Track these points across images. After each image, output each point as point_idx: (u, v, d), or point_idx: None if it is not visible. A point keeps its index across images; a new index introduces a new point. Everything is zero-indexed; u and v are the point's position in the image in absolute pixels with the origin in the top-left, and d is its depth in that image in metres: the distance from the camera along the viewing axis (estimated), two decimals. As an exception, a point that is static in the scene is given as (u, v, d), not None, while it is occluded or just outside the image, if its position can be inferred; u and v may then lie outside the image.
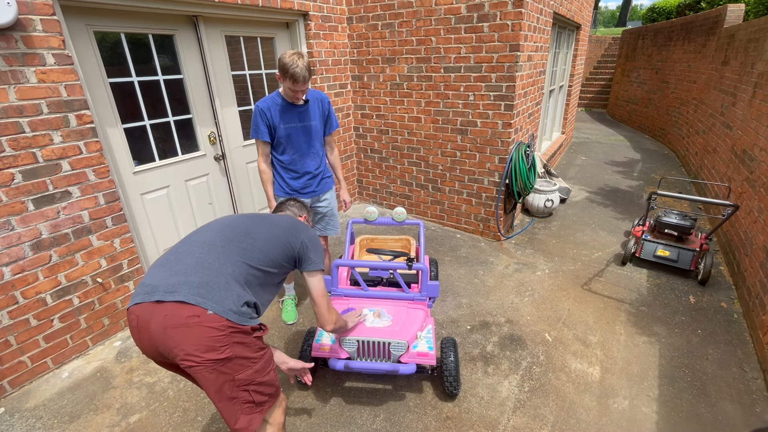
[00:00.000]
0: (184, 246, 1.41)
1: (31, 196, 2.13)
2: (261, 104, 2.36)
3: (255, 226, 1.52)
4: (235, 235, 1.44)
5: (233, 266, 1.34)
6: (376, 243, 2.95)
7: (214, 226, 1.51)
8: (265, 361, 1.38)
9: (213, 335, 1.21)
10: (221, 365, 1.24)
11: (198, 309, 1.21)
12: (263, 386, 1.36)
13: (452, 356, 2.11)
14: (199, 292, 1.23)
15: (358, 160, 4.77)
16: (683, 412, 2.08)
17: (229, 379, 1.27)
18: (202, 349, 1.20)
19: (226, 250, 1.37)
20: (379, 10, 3.85)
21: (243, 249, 1.40)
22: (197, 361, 1.21)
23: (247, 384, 1.31)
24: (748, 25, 4.40)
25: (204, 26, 2.97)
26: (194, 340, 1.20)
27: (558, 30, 5.26)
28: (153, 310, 1.23)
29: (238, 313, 1.27)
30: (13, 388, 2.25)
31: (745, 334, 2.64)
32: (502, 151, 3.61)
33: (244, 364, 1.29)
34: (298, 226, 1.63)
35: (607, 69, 12.57)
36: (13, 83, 1.98)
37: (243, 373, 1.29)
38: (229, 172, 3.42)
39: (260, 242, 1.46)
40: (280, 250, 1.51)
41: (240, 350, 1.28)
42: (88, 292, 2.47)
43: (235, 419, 1.31)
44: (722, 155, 4.40)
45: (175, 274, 1.28)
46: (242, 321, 1.28)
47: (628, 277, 3.30)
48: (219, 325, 1.22)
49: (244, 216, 1.60)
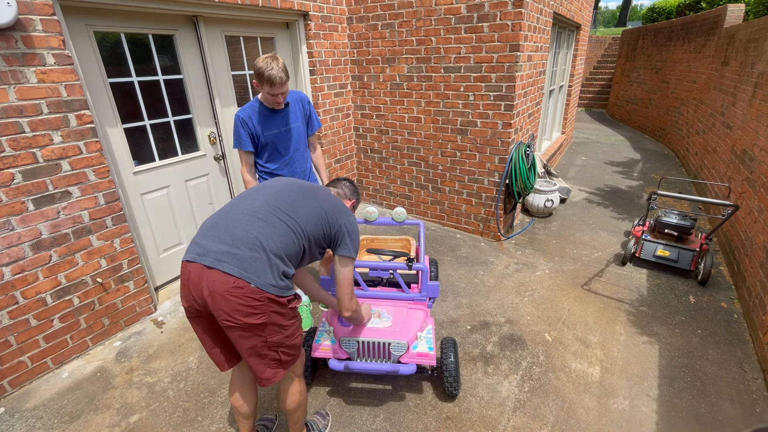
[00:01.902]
0: (233, 213, 1.48)
1: (31, 196, 2.13)
2: (241, 114, 2.31)
3: (299, 200, 1.56)
4: (280, 209, 1.49)
5: (275, 241, 1.41)
6: (376, 243, 2.95)
7: (261, 194, 1.56)
8: (295, 327, 1.52)
9: (253, 304, 1.34)
10: (257, 329, 1.39)
11: (242, 282, 1.32)
12: (291, 348, 1.52)
13: (452, 356, 2.10)
14: (244, 266, 1.33)
15: (358, 160, 4.77)
16: (683, 412, 2.08)
17: (262, 340, 1.42)
18: (243, 314, 1.34)
19: (270, 224, 1.44)
20: (379, 10, 3.85)
21: (285, 223, 1.46)
22: (237, 323, 1.35)
23: (278, 346, 1.47)
24: (748, 25, 4.40)
25: (204, 26, 2.97)
26: (236, 306, 1.32)
27: (558, 30, 5.26)
28: (203, 272, 1.34)
29: (277, 286, 1.38)
30: (13, 388, 2.25)
31: (745, 334, 2.64)
32: (502, 151, 3.61)
33: (277, 330, 1.43)
34: (342, 209, 1.65)
35: (607, 69, 12.57)
36: (13, 83, 1.98)
37: (275, 336, 1.44)
38: (229, 172, 3.42)
39: (302, 217, 1.51)
40: (319, 228, 1.56)
41: (275, 318, 1.41)
42: (88, 292, 2.47)
43: (263, 371, 1.48)
44: (722, 155, 4.40)
45: (223, 243, 1.37)
46: (280, 293, 1.39)
47: (628, 277, 3.30)
48: (260, 296, 1.34)
49: (291, 186, 1.62)
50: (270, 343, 1.44)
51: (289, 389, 1.64)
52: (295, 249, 1.48)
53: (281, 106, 2.35)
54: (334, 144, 4.34)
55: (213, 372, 2.36)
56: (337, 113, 4.27)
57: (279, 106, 2.34)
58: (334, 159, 4.43)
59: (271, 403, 2.16)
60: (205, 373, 2.36)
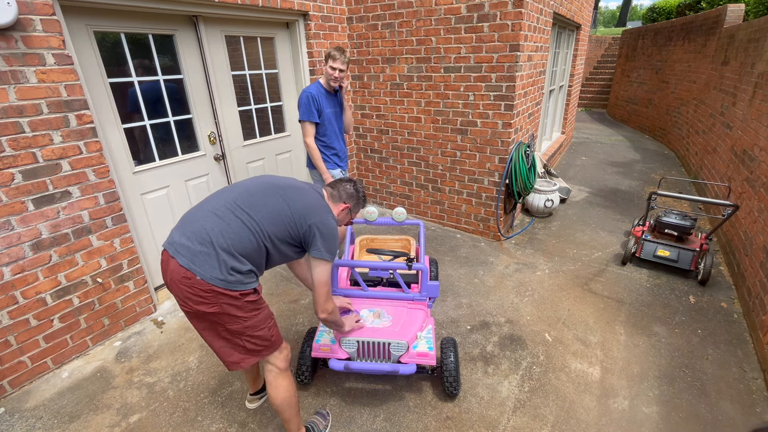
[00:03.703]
0: (200, 208, 1.55)
1: (31, 196, 2.13)
2: (311, 90, 2.75)
3: (264, 199, 1.55)
4: (240, 207, 1.51)
5: (225, 237, 1.45)
6: (376, 243, 2.95)
7: (230, 191, 1.59)
8: (258, 319, 1.54)
9: (201, 294, 1.42)
10: (212, 316, 1.47)
11: (189, 273, 1.41)
12: (257, 339, 1.55)
13: (452, 356, 2.10)
14: (193, 260, 1.42)
15: (358, 160, 4.77)
16: (683, 412, 2.08)
17: (222, 327, 1.50)
18: (194, 302, 1.44)
19: (224, 221, 1.48)
20: (379, 10, 3.85)
21: (241, 221, 1.49)
22: (191, 309, 1.47)
23: (240, 334, 1.52)
24: (748, 25, 4.40)
25: (204, 26, 2.97)
26: (187, 294, 1.43)
27: (558, 30, 5.26)
28: (168, 261, 1.47)
29: (225, 280, 1.42)
30: (13, 388, 2.25)
31: (745, 334, 2.64)
32: (502, 151, 3.61)
33: (234, 320, 1.49)
34: (315, 210, 1.59)
35: (607, 69, 12.57)
36: (13, 83, 1.98)
37: (234, 326, 1.50)
38: (229, 172, 3.42)
39: (262, 216, 1.52)
40: (283, 228, 1.54)
41: (228, 309, 1.46)
42: (88, 292, 2.47)
43: (229, 354, 1.57)
44: (722, 155, 4.40)
45: (183, 235, 1.47)
46: (229, 287, 1.43)
47: (628, 277, 3.30)
48: (206, 288, 1.41)
49: (262, 185, 1.61)
50: (231, 331, 1.50)
51: (272, 383, 1.66)
52: (252, 246, 1.48)
53: (337, 83, 2.78)
54: (334, 144, 4.34)
55: (213, 372, 2.37)
56: (337, 113, 4.27)
57: (336, 83, 2.77)
58: (334, 159, 4.43)
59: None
60: (205, 373, 2.36)
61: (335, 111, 2.91)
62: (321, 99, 2.78)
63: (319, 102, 2.76)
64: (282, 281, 3.30)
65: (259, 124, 3.68)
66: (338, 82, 2.76)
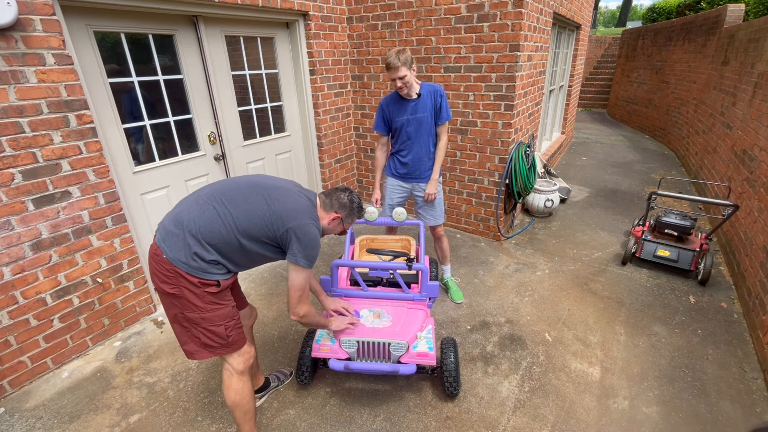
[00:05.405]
0: (191, 196, 1.61)
1: (31, 196, 2.13)
2: (382, 101, 2.70)
3: (246, 196, 1.57)
4: (219, 199, 1.56)
5: (195, 223, 1.50)
6: (376, 243, 2.94)
7: (218, 185, 1.63)
8: (216, 314, 1.57)
9: (165, 273, 1.49)
10: (173, 297, 1.52)
11: (159, 251, 1.50)
12: (212, 333, 1.58)
13: (452, 356, 2.10)
14: (164, 239, 1.50)
15: (358, 160, 4.77)
16: (683, 412, 2.08)
17: (180, 311, 1.55)
18: (159, 280, 1.52)
19: (201, 208, 1.54)
20: (379, 10, 3.85)
21: (216, 211, 1.53)
22: (157, 287, 1.54)
23: (196, 324, 1.56)
24: (748, 26, 4.40)
25: (204, 26, 2.97)
26: (154, 270, 1.52)
27: (558, 30, 5.26)
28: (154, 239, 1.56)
29: (188, 264, 1.47)
30: (13, 388, 2.25)
31: (745, 334, 2.64)
32: (502, 151, 3.61)
33: (191, 307, 1.53)
34: (296, 215, 1.56)
35: (607, 69, 12.57)
36: (13, 83, 1.98)
37: (191, 313, 1.54)
38: (229, 172, 3.42)
39: (239, 212, 1.54)
40: (260, 228, 1.55)
41: (188, 294, 1.51)
42: (88, 292, 2.47)
43: (184, 342, 1.61)
44: (722, 155, 4.40)
45: (168, 216, 1.56)
46: (190, 271, 1.48)
47: (628, 277, 3.30)
48: (169, 267, 1.48)
49: (250, 183, 1.63)
50: (188, 319, 1.55)
51: (225, 381, 1.70)
52: (222, 237, 1.51)
53: (403, 92, 2.56)
54: (334, 144, 4.34)
55: (213, 372, 2.37)
56: (337, 113, 4.26)
57: (402, 92, 2.56)
58: (334, 159, 4.43)
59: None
60: (205, 373, 2.36)
61: (408, 118, 2.62)
62: (392, 107, 2.64)
63: (388, 111, 2.66)
64: (282, 281, 3.30)
65: (259, 124, 3.69)
66: (405, 90, 2.52)
